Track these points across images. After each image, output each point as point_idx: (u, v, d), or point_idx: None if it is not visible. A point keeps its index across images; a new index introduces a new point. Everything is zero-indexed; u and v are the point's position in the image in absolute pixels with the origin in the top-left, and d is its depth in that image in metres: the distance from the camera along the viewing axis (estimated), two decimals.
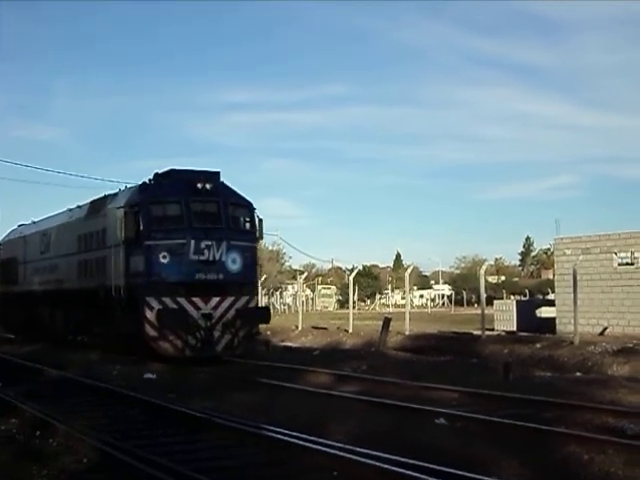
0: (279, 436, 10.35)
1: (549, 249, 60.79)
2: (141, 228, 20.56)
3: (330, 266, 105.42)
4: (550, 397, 13.94)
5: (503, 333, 31.45)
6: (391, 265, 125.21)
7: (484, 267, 30.31)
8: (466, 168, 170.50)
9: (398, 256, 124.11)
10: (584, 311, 25.79)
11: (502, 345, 24.28)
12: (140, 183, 22.10)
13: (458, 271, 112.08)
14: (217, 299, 20.53)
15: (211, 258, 20.42)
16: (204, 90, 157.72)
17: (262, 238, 22.65)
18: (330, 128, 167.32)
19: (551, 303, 32.59)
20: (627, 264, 28.32)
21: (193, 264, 20.36)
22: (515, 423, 11.36)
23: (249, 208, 22.17)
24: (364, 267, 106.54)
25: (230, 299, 20.74)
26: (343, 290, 79.28)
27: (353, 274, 36.94)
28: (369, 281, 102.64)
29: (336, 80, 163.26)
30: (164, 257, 20.18)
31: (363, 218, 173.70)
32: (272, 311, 27.88)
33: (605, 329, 26.62)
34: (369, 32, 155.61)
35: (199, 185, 20.88)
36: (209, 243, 20.40)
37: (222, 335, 20.58)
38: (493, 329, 33.15)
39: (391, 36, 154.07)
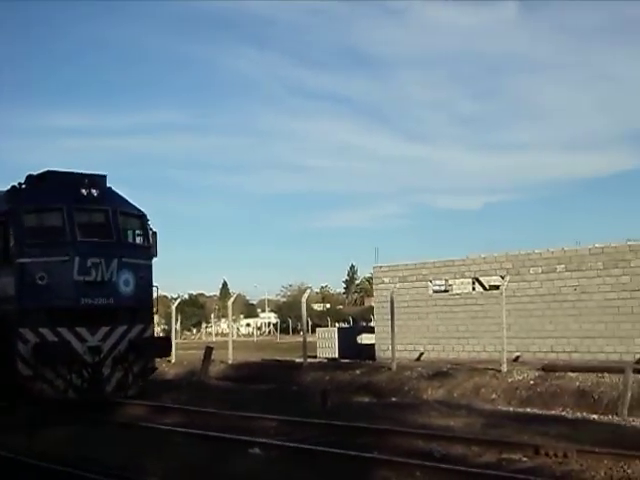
0: (92, 475, 10.01)
1: (371, 277, 62.60)
2: (11, 243, 16.96)
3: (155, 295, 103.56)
4: (365, 423, 14.23)
5: (325, 360, 31.91)
6: (218, 294, 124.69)
7: (306, 295, 30.65)
8: (294, 197, 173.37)
9: (225, 285, 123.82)
10: (401, 337, 26.59)
11: (323, 372, 24.59)
12: (9, 187, 18.11)
13: (284, 299, 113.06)
14: (106, 329, 17.14)
15: (99, 279, 17.06)
16: (30, 113, 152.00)
17: (157, 255, 18.85)
18: (161, 155, 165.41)
19: (372, 330, 33.42)
20: (441, 291, 29.50)
21: (78, 286, 16.94)
22: (329, 450, 11.52)
23: (142, 219, 18.67)
24: (190, 296, 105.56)
25: (122, 328, 17.43)
26: (167, 319, 78.02)
27: (176, 303, 36.46)
28: (195, 310, 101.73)
29: (167, 107, 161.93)
30: (41, 278, 16.62)
31: (192, 246, 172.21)
32: None
33: (421, 354, 27.55)
34: (199, 60, 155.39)
35: (83, 190, 17.45)
36: (97, 261, 17.06)
37: (112, 372, 17.24)
38: (316, 356, 33.58)
39: (222, 65, 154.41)
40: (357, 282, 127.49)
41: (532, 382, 19.62)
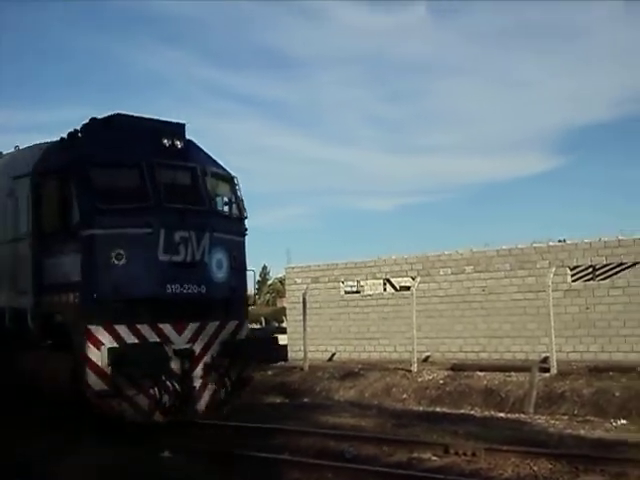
0: None
1: (283, 278, 62.61)
2: (74, 208, 12.59)
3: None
4: (277, 424, 14.24)
5: None
6: None
7: None
8: None
9: None
10: (314, 338, 26.62)
11: None
12: (65, 136, 13.70)
13: None
14: (195, 326, 13.05)
15: (189, 259, 12.94)
16: None
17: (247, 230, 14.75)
18: None
19: (284, 331, 33.38)
20: (353, 292, 29.65)
21: (164, 269, 12.69)
22: (241, 452, 11.47)
23: (232, 182, 14.57)
24: None
25: (213, 325, 13.33)
26: None
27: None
28: None
29: (74, 104, 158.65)
30: (118, 257, 12.32)
31: None
32: None
33: (333, 355, 27.63)
34: (114, 57, 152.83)
35: (166, 141, 13.42)
36: (185, 235, 12.90)
37: (204, 385, 13.10)
38: None
39: (131, 61, 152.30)
40: (269, 283, 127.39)
41: (442, 382, 19.91)
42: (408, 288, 24.95)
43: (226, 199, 14.45)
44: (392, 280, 28.85)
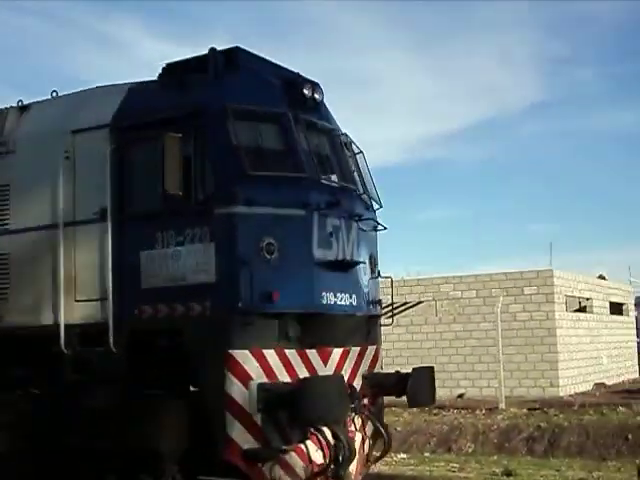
0: None
1: None
2: (202, 174, 8.53)
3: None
4: None
5: None
6: None
7: None
8: None
9: None
10: None
11: None
12: (162, 72, 9.45)
13: None
14: (339, 352, 9.11)
15: (340, 257, 8.99)
16: None
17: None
18: None
19: None
20: None
21: (319, 270, 8.76)
22: None
23: (358, 160, 10.45)
24: None
25: (355, 351, 9.40)
26: None
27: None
28: None
29: None
30: (269, 248, 8.33)
31: None
32: None
33: None
34: None
35: (306, 91, 9.32)
36: (337, 223, 8.98)
37: (352, 434, 9.08)
38: None
39: None
40: None
41: None
42: None
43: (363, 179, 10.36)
44: None
